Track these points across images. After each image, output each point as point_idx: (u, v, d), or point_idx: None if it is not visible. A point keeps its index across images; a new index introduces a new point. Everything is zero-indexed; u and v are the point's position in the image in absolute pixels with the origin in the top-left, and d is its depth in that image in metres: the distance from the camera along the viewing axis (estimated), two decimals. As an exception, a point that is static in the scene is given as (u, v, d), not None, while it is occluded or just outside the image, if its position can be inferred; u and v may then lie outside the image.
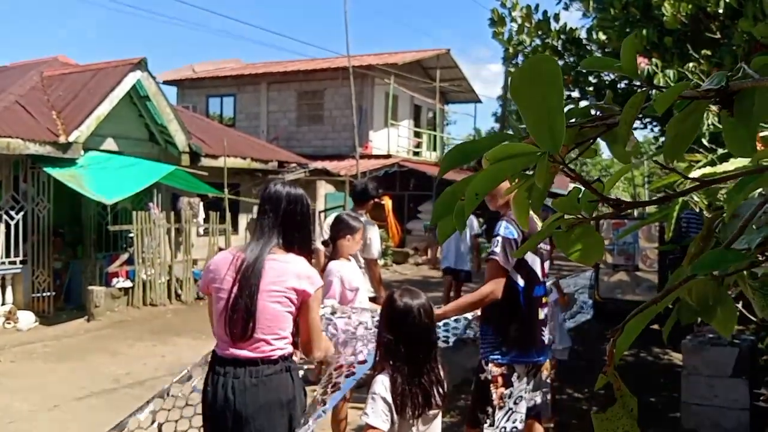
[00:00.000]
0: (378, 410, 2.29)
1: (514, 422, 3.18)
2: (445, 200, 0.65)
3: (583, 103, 6.68)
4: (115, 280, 9.80)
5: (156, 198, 10.63)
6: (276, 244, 2.49)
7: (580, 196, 0.68)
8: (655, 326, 9.26)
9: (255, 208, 14.10)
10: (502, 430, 3.15)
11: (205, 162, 11.63)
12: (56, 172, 8.92)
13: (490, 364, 3.23)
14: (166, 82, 20.93)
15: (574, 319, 7.64)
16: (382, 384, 2.32)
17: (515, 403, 3.18)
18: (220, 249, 11.65)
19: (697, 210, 2.82)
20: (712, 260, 0.62)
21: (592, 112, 0.75)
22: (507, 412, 3.17)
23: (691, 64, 3.06)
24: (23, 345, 7.58)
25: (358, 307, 3.50)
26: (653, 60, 3.54)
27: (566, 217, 0.69)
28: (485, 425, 3.17)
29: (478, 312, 3.61)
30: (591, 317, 9.72)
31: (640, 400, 4.43)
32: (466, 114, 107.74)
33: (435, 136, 23.22)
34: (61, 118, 9.70)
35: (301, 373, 2.69)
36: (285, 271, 2.44)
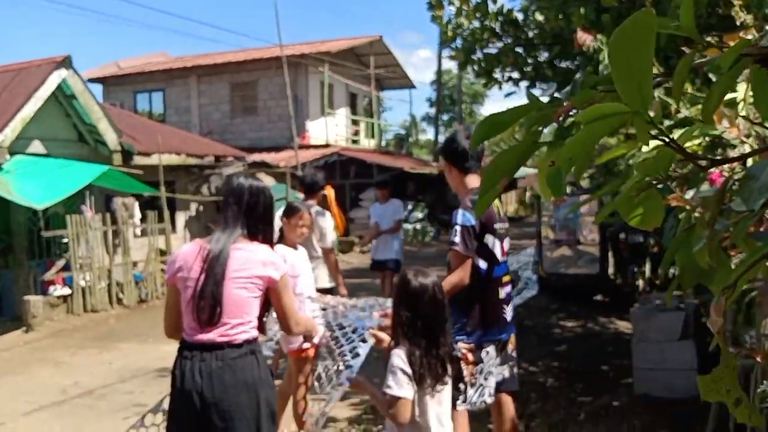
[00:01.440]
0: (401, 381, 2.44)
1: (483, 396, 3.32)
2: (492, 173, 0.62)
3: (523, 84, 6.77)
4: (51, 288, 9.37)
5: (89, 200, 10.22)
6: (240, 234, 2.60)
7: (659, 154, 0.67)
8: (599, 297, 9.53)
9: (192, 206, 13.77)
10: (473, 405, 3.27)
11: (138, 160, 11.24)
12: (-20, 179, 8.45)
13: (458, 344, 3.27)
14: (90, 80, 20.08)
15: (521, 296, 7.82)
16: (399, 357, 2.47)
17: (485, 379, 3.29)
18: (161, 251, 11.33)
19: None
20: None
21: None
22: (478, 388, 3.28)
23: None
24: (-44, 362, 7.18)
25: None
26: (598, 36, 3.62)
27: (645, 180, 0.67)
28: (458, 402, 3.23)
29: None
30: (536, 292, 9.98)
31: (593, 368, 4.60)
32: (401, 100, 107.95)
33: (372, 124, 23.20)
34: (-19, 121, 9.17)
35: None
36: (250, 260, 2.55)
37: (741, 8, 3.23)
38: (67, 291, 9.42)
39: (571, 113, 0.65)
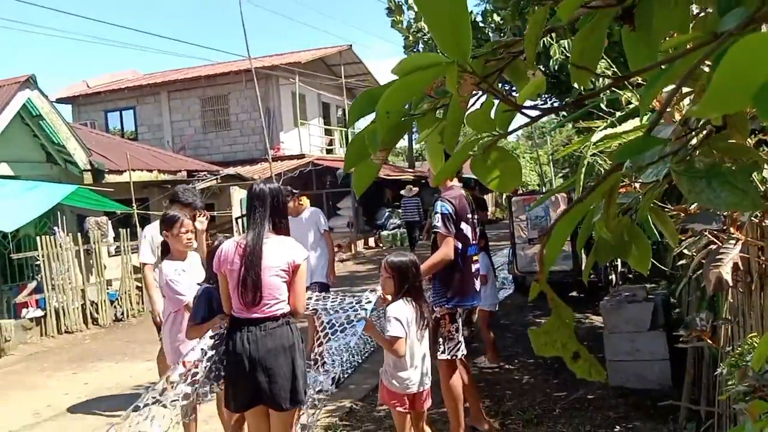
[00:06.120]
0: (396, 326, 3.40)
1: (459, 350, 4.15)
2: (357, 144, 0.63)
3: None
4: (24, 310, 9.22)
5: (60, 221, 10.09)
6: (267, 229, 3.23)
7: (494, 109, 0.68)
8: (574, 293, 9.59)
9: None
10: (454, 356, 4.11)
11: (110, 178, 11.15)
12: (-53, 204, 8.30)
13: (438, 308, 4.13)
14: (59, 100, 19.89)
15: (499, 295, 7.88)
16: (395, 309, 3.46)
17: (462, 336, 4.15)
18: (135, 267, 11.20)
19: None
20: (634, 147, 0.63)
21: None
22: (456, 344, 4.12)
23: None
24: (-73, 392, 7.02)
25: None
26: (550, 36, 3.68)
27: (481, 138, 0.68)
28: (438, 353, 4.09)
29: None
30: (512, 291, 10.02)
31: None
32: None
33: (346, 133, 23.21)
34: (-55, 146, 9.04)
35: None
36: (279, 251, 3.22)
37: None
38: (39, 313, 9.28)
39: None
